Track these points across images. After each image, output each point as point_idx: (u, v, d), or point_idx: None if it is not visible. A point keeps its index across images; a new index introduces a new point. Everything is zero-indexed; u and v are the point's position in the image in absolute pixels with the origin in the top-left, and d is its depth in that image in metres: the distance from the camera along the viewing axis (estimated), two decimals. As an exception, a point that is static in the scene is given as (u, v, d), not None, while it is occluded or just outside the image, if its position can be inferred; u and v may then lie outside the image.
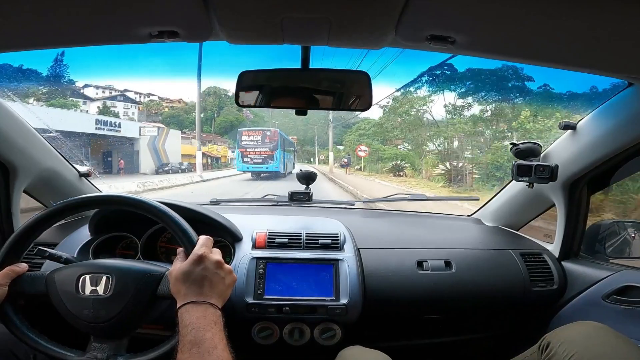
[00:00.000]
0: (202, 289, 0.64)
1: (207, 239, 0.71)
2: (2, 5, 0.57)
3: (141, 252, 1.03)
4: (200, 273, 0.65)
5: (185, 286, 0.65)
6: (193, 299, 0.63)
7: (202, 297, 0.63)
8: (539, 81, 10.10)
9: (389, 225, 1.37)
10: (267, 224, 1.12)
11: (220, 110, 26.83)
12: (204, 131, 24.92)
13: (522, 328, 1.21)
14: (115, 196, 0.78)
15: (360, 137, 19.35)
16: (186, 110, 25.66)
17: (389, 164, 14.83)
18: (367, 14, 0.60)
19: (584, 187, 1.11)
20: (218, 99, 26.50)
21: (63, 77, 14.34)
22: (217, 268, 0.67)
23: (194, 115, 23.71)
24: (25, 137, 1.05)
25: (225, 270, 0.69)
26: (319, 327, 0.96)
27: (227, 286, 0.68)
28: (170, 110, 25.27)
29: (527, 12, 0.58)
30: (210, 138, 24.48)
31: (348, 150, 20.15)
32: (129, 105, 21.58)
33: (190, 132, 22.55)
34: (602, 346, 0.70)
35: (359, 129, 20.04)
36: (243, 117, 26.34)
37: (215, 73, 24.50)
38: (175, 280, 0.66)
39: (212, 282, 0.66)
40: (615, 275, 1.02)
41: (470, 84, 11.39)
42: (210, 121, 26.71)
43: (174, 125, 22.89)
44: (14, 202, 1.07)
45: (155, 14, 0.62)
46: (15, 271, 0.72)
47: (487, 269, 1.11)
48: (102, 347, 0.69)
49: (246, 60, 7.63)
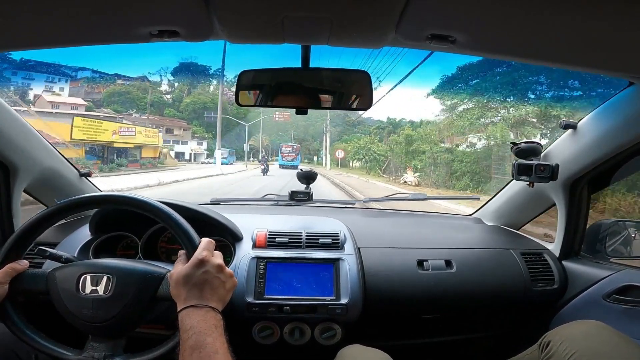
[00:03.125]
0: (202, 293, 0.64)
1: (209, 242, 0.71)
2: (2, 5, 0.57)
3: (142, 251, 1.03)
4: (201, 277, 0.65)
5: (186, 290, 0.65)
6: (194, 303, 0.63)
7: (202, 300, 0.64)
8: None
9: (389, 224, 1.37)
10: (268, 224, 1.12)
11: (193, 90, 23.04)
12: (167, 115, 21.46)
13: (523, 327, 1.21)
14: (116, 196, 0.78)
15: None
16: (143, 89, 21.27)
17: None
18: (367, 13, 0.60)
19: (584, 187, 1.10)
20: (191, 77, 22.54)
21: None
22: (218, 272, 0.67)
23: (150, 98, 20.54)
24: (25, 137, 1.05)
25: (226, 274, 0.69)
26: (319, 327, 0.96)
27: (227, 290, 0.68)
28: (115, 88, 20.16)
29: (528, 11, 0.57)
30: (166, 124, 20.31)
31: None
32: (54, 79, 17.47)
33: (141, 115, 19.46)
34: (603, 345, 0.70)
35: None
36: (218, 98, 21.94)
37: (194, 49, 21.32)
38: (176, 283, 0.66)
39: (213, 286, 0.66)
40: (616, 275, 1.02)
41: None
42: (177, 103, 22.64)
43: (117, 105, 18.94)
44: (15, 201, 1.08)
45: (156, 13, 0.62)
46: (16, 269, 0.72)
47: (487, 269, 1.11)
48: (99, 346, 0.69)
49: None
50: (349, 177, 14.30)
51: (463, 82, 11.59)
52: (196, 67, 23.62)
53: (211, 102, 22.97)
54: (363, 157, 16.99)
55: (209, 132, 23.08)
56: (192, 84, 23.46)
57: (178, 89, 23.09)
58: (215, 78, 23.72)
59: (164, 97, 22.14)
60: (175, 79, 22.56)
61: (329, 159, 20.76)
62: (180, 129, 21.76)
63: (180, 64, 22.58)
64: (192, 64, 23.57)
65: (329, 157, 20.79)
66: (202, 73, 23.26)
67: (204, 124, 23.25)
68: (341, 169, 18.76)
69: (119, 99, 19.86)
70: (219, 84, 22.46)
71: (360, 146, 17.37)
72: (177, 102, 22.90)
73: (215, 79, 23.81)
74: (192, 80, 23.44)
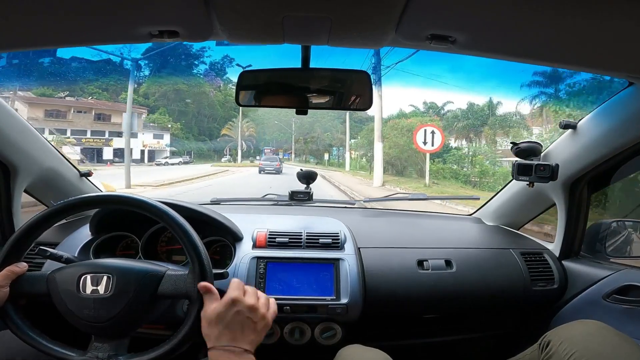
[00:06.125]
0: (235, 334, 0.64)
1: (239, 282, 0.71)
2: (2, 5, 0.57)
3: (142, 251, 1.03)
4: (233, 317, 0.65)
5: (218, 329, 0.65)
6: (225, 344, 0.63)
7: (234, 342, 0.64)
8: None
9: (389, 224, 1.37)
10: (268, 224, 1.12)
11: (162, 69, 17.68)
12: (122, 100, 15.29)
13: (523, 327, 1.21)
14: (116, 196, 0.78)
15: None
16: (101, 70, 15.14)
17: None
18: (367, 13, 0.60)
19: (584, 187, 1.10)
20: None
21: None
22: (250, 312, 0.67)
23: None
24: (26, 137, 1.05)
25: (259, 315, 0.68)
26: (319, 327, 0.97)
27: (260, 331, 0.68)
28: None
29: (528, 12, 0.58)
30: (100, 107, 15.09)
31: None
32: None
33: (77, 99, 14.75)
34: (603, 345, 0.70)
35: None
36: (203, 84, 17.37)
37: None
38: (209, 322, 0.66)
39: (245, 327, 0.66)
40: (616, 275, 1.02)
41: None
42: (138, 87, 17.12)
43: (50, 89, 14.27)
44: (15, 201, 1.08)
45: (156, 13, 0.62)
46: (15, 272, 0.71)
47: (487, 269, 1.11)
48: (103, 346, 0.69)
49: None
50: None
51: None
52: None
53: (183, 84, 18.28)
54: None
55: (178, 121, 18.70)
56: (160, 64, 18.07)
57: (143, 68, 17.40)
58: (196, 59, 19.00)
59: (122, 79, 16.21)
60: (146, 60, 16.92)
61: (349, 158, 16.51)
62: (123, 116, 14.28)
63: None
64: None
65: (349, 158, 16.61)
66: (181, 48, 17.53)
67: (173, 112, 18.62)
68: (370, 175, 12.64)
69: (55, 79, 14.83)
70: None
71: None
72: (142, 80, 17.60)
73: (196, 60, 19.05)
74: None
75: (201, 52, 18.62)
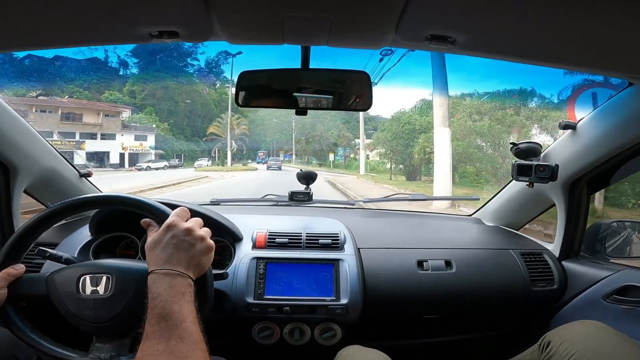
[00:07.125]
0: (169, 257, 0.62)
1: (182, 209, 0.69)
2: (2, 5, 0.57)
3: (141, 252, 1.03)
4: (168, 241, 0.63)
5: (154, 254, 0.63)
6: (160, 267, 0.61)
7: (169, 265, 0.61)
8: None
9: (389, 225, 1.37)
10: (268, 224, 1.12)
11: (150, 66, 16.06)
12: (105, 99, 13.84)
13: (523, 328, 1.21)
14: (116, 196, 0.78)
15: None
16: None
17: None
18: (367, 13, 0.60)
19: (584, 187, 1.11)
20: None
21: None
22: (185, 235, 0.64)
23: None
24: (25, 137, 1.05)
25: (196, 237, 0.65)
26: (319, 327, 0.97)
27: (199, 253, 0.64)
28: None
29: (528, 12, 0.58)
30: (66, 106, 12.83)
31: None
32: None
33: (51, 97, 12.85)
34: (602, 345, 0.70)
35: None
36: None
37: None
38: (148, 251, 0.64)
39: (180, 249, 0.63)
40: (616, 275, 1.02)
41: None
42: (122, 84, 15.44)
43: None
44: (15, 202, 1.08)
45: (156, 14, 0.62)
46: (12, 274, 0.71)
47: (487, 269, 1.11)
48: (104, 347, 0.69)
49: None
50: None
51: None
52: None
53: (173, 81, 16.71)
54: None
55: (166, 121, 16.95)
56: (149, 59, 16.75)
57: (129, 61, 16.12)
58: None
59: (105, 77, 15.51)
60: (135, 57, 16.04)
61: (364, 159, 14.36)
62: (99, 115, 12.68)
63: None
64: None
65: (364, 158, 14.48)
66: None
67: (160, 111, 16.94)
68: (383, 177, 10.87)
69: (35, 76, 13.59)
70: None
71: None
72: (126, 76, 16.23)
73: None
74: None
75: (194, 48, 17.39)
